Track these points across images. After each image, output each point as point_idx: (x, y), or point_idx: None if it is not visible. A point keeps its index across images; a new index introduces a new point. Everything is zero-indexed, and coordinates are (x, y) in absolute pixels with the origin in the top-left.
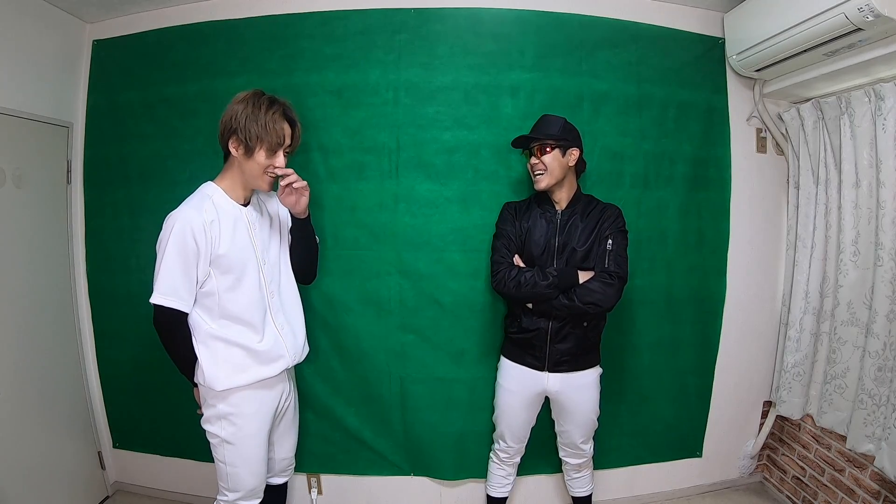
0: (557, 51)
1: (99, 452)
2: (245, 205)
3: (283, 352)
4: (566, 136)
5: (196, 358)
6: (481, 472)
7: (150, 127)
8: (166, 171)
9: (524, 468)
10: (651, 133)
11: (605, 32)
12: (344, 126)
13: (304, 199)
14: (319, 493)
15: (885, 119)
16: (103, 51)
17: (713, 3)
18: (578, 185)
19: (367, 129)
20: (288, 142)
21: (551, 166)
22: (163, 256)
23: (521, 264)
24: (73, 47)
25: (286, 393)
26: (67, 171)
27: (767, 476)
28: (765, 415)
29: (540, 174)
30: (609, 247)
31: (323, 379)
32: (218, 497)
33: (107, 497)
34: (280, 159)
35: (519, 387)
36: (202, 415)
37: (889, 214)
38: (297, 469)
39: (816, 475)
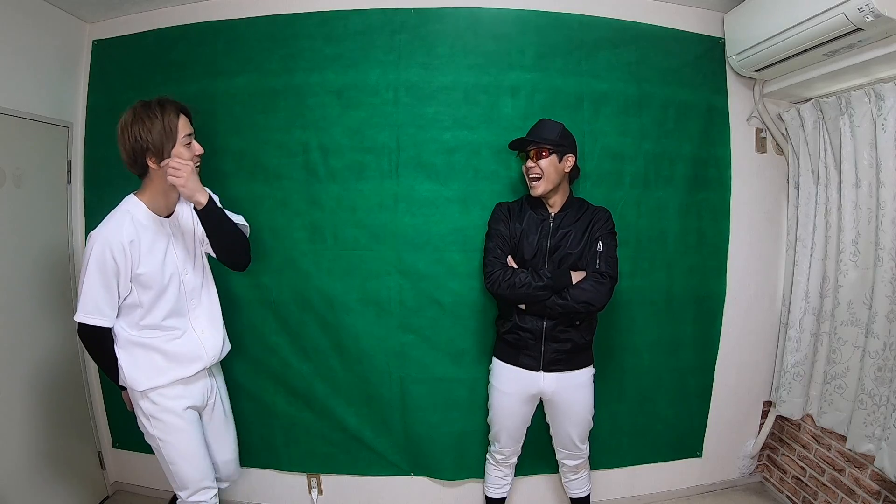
0: (557, 51)
1: (99, 452)
2: (169, 215)
3: (202, 353)
4: (563, 142)
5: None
6: (481, 472)
7: None
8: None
9: (522, 469)
10: (651, 133)
11: (605, 32)
12: (344, 126)
13: (181, 181)
14: (319, 493)
15: (885, 119)
16: (103, 51)
17: (713, 3)
18: (571, 189)
19: (367, 129)
20: (191, 130)
21: (547, 171)
22: (85, 275)
23: (514, 265)
24: (73, 47)
25: (210, 389)
26: (67, 171)
27: (767, 476)
28: (765, 415)
29: (536, 179)
30: (599, 248)
31: (323, 379)
32: (177, 502)
33: (107, 497)
34: (198, 147)
35: (513, 388)
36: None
37: (889, 214)
38: (298, 469)
39: (816, 475)
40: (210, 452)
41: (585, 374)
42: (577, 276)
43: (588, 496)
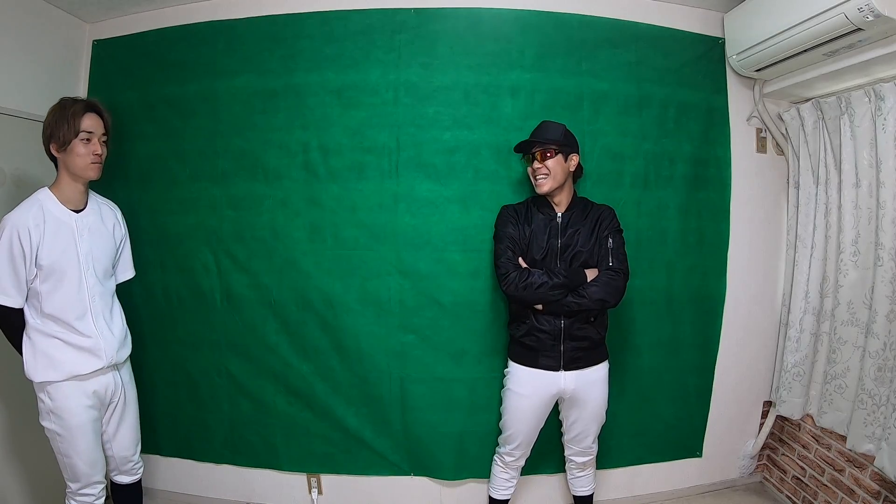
0: (557, 51)
1: None
2: (79, 211)
3: (100, 353)
4: (567, 142)
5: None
6: (481, 472)
7: (150, 127)
8: (166, 171)
9: (526, 468)
10: (651, 133)
11: (605, 32)
12: (344, 126)
13: None
14: (320, 493)
15: (885, 119)
16: (103, 51)
17: (713, 3)
18: (575, 189)
19: (367, 129)
20: (101, 131)
21: (554, 170)
22: None
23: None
24: (73, 47)
25: (111, 387)
26: None
27: (767, 476)
28: (765, 415)
29: (543, 178)
30: (610, 245)
31: (323, 379)
32: (66, 491)
33: (107, 497)
34: (97, 146)
35: (533, 390)
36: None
37: (889, 214)
38: (298, 469)
39: (816, 475)
40: (111, 446)
41: (603, 369)
42: (590, 274)
43: (591, 495)
